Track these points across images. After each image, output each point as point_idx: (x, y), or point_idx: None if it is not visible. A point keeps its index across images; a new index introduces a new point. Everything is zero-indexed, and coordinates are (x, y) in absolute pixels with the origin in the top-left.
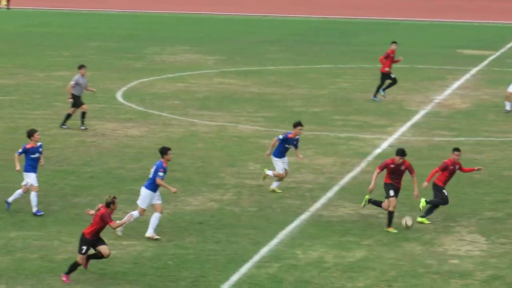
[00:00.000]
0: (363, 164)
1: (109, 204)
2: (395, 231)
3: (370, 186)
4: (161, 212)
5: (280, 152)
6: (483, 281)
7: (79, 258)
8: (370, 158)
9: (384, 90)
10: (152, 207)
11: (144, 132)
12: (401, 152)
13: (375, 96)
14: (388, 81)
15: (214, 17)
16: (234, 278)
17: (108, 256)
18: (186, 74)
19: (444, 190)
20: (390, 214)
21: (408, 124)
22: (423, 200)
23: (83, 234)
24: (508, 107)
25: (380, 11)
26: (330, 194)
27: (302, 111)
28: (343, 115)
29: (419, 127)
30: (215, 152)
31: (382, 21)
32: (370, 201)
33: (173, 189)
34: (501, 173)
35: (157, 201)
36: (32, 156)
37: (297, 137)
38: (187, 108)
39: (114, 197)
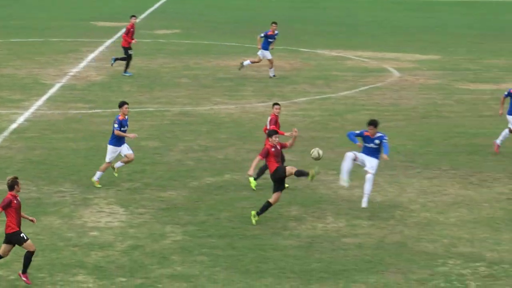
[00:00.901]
0: None
1: (13, 186)
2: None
3: (250, 171)
4: None
5: (118, 140)
6: (123, 251)
7: (28, 245)
8: (6, 133)
9: (115, 60)
10: None
11: None
12: (274, 132)
13: (125, 71)
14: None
15: None
16: None
17: (34, 251)
18: None
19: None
20: (269, 205)
21: (44, 97)
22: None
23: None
24: (271, 74)
25: None
26: None
27: None
28: None
29: (54, 100)
30: None
31: None
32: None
33: None
34: (138, 144)
35: None
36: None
37: (127, 117)
38: None
39: (16, 177)
